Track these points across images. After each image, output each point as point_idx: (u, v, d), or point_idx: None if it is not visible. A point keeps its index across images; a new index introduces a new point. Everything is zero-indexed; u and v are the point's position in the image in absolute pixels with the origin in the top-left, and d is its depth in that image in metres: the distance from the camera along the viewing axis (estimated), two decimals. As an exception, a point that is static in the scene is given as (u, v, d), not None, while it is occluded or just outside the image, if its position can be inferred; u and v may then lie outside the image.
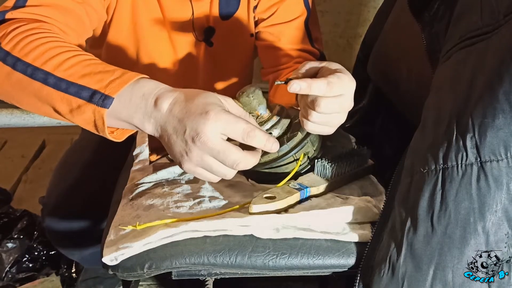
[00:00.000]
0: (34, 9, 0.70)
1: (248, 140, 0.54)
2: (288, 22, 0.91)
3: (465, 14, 0.63)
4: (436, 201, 0.54)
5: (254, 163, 0.56)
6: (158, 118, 0.55)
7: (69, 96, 0.57)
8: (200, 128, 0.52)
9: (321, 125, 0.62)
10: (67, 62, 0.59)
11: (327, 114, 0.61)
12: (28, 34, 0.63)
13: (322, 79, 0.58)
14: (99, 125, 0.57)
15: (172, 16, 0.90)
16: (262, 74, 0.99)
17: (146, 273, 0.60)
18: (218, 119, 0.52)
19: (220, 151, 0.53)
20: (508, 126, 0.50)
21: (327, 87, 0.58)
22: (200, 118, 0.52)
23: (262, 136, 0.55)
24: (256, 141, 0.55)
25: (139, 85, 0.56)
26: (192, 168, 0.55)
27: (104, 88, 0.56)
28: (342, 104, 0.61)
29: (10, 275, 1.27)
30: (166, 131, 0.55)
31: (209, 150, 0.53)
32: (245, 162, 0.54)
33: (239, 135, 0.54)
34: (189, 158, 0.54)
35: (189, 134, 0.52)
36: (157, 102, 0.55)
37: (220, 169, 0.55)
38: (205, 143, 0.52)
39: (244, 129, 0.54)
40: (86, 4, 0.77)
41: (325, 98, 0.59)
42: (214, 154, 0.53)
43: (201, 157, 0.53)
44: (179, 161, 0.55)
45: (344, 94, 0.60)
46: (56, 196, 0.99)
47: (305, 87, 0.58)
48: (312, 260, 0.61)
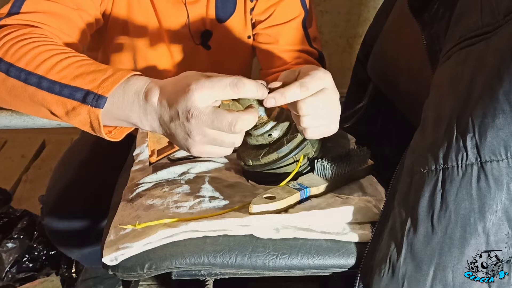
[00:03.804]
0: (28, 15, 0.70)
1: (239, 90, 0.52)
2: (286, 23, 0.91)
3: (465, 14, 0.63)
4: (436, 201, 0.54)
5: (253, 120, 0.55)
6: (153, 112, 0.55)
7: (64, 98, 0.57)
8: (189, 104, 0.51)
9: (317, 128, 0.61)
10: (59, 65, 0.59)
11: (316, 114, 0.59)
12: (20, 39, 0.63)
13: (294, 83, 0.57)
14: (95, 126, 0.57)
15: (167, 20, 0.90)
16: (261, 75, 0.99)
17: (146, 273, 0.60)
18: (202, 87, 0.51)
19: (214, 119, 0.52)
20: (508, 126, 0.50)
21: (301, 89, 0.57)
22: (185, 95, 0.51)
23: (251, 82, 0.54)
24: (247, 89, 0.53)
25: (130, 83, 0.56)
26: (199, 148, 0.54)
27: (97, 88, 0.55)
28: (327, 98, 0.59)
29: (10, 275, 1.27)
30: (164, 122, 0.54)
31: (205, 122, 0.52)
32: (241, 121, 0.53)
33: (229, 90, 0.52)
34: (192, 139, 0.53)
35: (183, 115, 0.52)
36: (147, 98, 0.55)
37: (224, 138, 0.54)
38: (199, 116, 0.51)
39: (231, 82, 0.52)
40: (81, 10, 0.77)
41: (304, 100, 0.57)
42: (210, 125, 0.52)
43: (202, 133, 0.53)
44: (186, 147, 0.55)
45: (324, 88, 0.59)
46: (55, 195, 0.99)
47: (279, 97, 0.57)
48: (312, 260, 0.61)
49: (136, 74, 0.58)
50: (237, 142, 0.55)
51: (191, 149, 0.55)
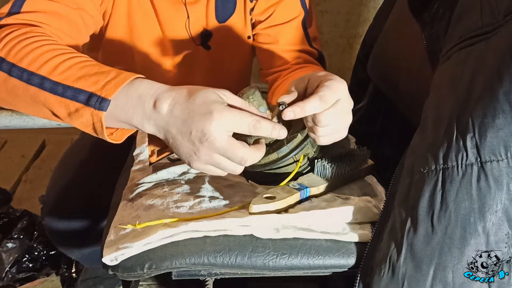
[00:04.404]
0: (28, 15, 0.70)
1: (255, 131, 0.55)
2: (286, 23, 0.91)
3: (465, 14, 0.63)
4: (436, 201, 0.54)
5: (261, 156, 0.57)
6: (159, 120, 0.55)
7: (66, 100, 0.57)
8: (206, 129, 0.52)
9: (331, 135, 0.62)
10: (62, 65, 0.59)
11: (332, 125, 0.61)
12: (22, 38, 0.63)
13: (313, 96, 0.58)
14: (97, 128, 0.57)
15: (168, 20, 0.90)
16: (261, 75, 0.99)
17: (146, 273, 0.60)
18: (223, 117, 0.53)
19: (228, 150, 0.53)
20: (508, 126, 0.50)
21: (320, 102, 0.58)
22: (205, 119, 0.52)
23: (268, 125, 0.56)
24: (263, 131, 0.55)
25: (134, 86, 0.56)
26: (201, 166, 0.56)
27: (100, 90, 0.55)
28: (342, 108, 0.60)
29: (10, 275, 1.27)
30: (170, 132, 0.55)
31: (217, 149, 0.53)
32: (252, 157, 0.55)
33: (246, 129, 0.55)
34: (198, 157, 0.54)
35: (196, 135, 0.53)
36: (156, 104, 0.54)
37: (229, 165, 0.55)
38: (213, 143, 0.53)
39: (250, 123, 0.54)
40: (81, 10, 0.77)
41: (322, 113, 0.58)
42: (222, 153, 0.54)
43: (210, 156, 0.54)
44: (188, 161, 0.56)
45: (340, 99, 0.59)
46: (55, 195, 0.99)
47: (299, 111, 0.58)
48: (312, 260, 0.61)
49: (140, 77, 0.58)
50: (239, 171, 0.57)
51: (192, 164, 0.56)
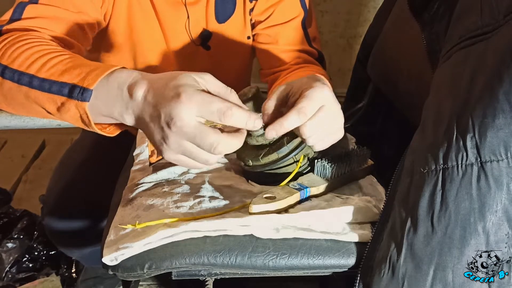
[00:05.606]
0: (29, 21, 0.70)
1: (225, 120, 0.51)
2: (285, 23, 0.92)
3: (465, 14, 0.63)
4: (436, 201, 0.54)
5: (237, 146, 0.53)
6: (135, 107, 0.53)
7: (53, 95, 0.57)
8: (173, 113, 0.49)
9: (324, 140, 0.61)
10: (50, 63, 0.59)
11: (319, 133, 0.59)
12: (16, 41, 0.64)
13: (291, 111, 0.56)
14: (85, 120, 0.56)
15: (168, 21, 0.90)
16: (261, 75, 0.99)
17: (146, 273, 0.60)
18: (191, 100, 0.49)
19: (196, 135, 0.50)
20: (508, 126, 0.50)
21: (299, 116, 0.56)
22: (172, 102, 0.50)
23: (241, 114, 0.52)
24: (234, 120, 0.51)
25: (114, 75, 0.55)
26: (172, 156, 0.53)
27: (82, 81, 0.55)
28: (327, 114, 0.58)
29: (10, 275, 1.27)
30: (144, 119, 0.53)
31: (185, 135, 0.50)
32: (223, 145, 0.51)
33: (215, 116, 0.50)
34: (168, 145, 0.51)
35: (164, 120, 0.50)
36: (131, 91, 0.53)
37: (200, 154, 0.52)
38: (181, 128, 0.50)
39: (219, 109, 0.50)
40: (82, 14, 0.77)
41: (304, 125, 0.57)
42: (191, 139, 0.50)
43: (179, 143, 0.51)
44: (160, 149, 0.53)
45: (323, 105, 0.58)
46: (55, 195, 0.99)
47: (279, 128, 0.56)
48: (312, 260, 0.61)
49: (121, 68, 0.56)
50: (211, 161, 0.53)
51: (163, 154, 0.53)
